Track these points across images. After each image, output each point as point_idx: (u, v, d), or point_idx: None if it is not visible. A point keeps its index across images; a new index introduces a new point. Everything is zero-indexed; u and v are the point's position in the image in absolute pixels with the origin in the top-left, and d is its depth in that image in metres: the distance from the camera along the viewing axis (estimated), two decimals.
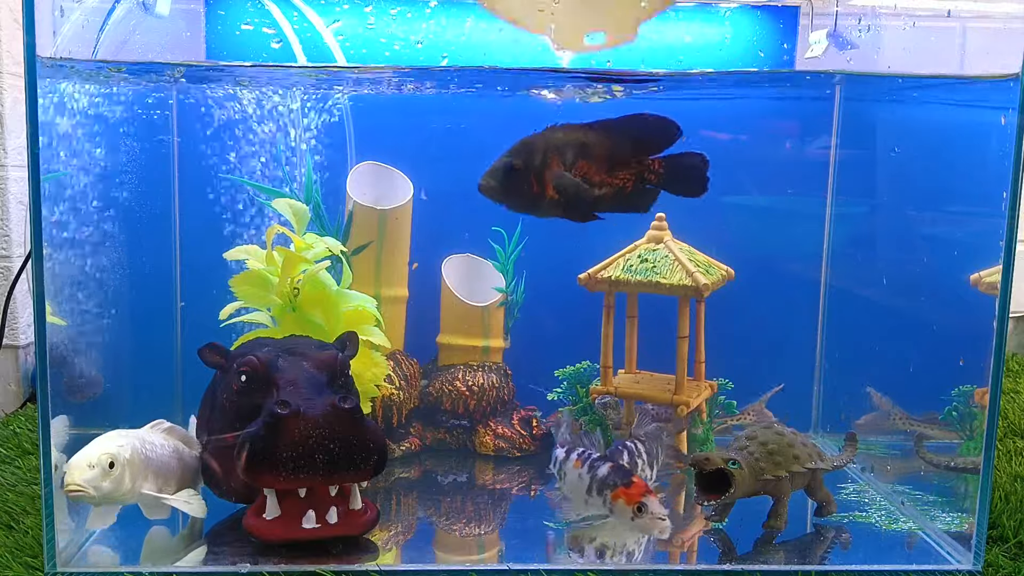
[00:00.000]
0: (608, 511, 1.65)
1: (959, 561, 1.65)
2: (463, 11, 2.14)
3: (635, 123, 1.71)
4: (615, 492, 1.63)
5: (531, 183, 1.62)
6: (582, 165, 1.65)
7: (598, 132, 1.68)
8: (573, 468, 1.73)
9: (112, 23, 1.87)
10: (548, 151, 1.62)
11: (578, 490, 1.71)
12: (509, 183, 1.63)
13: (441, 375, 2.25)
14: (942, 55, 1.95)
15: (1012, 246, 1.57)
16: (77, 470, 1.53)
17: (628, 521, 1.61)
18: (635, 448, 1.87)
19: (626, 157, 1.69)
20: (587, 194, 1.67)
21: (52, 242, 1.64)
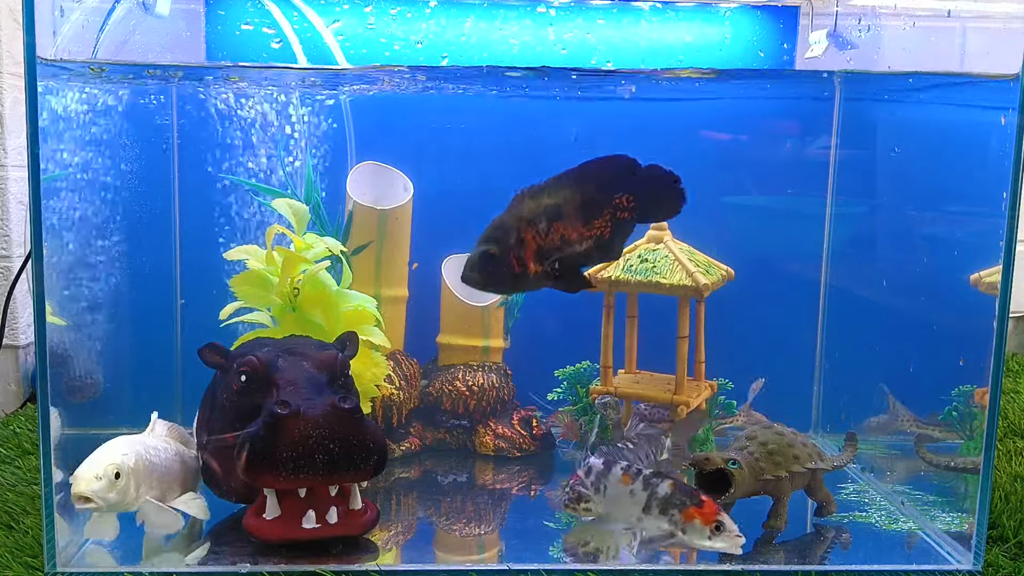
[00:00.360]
0: (678, 531, 1.58)
1: (959, 561, 1.65)
2: (463, 11, 2.14)
3: (592, 167, 1.67)
4: (687, 512, 1.57)
5: (512, 264, 1.58)
6: (557, 228, 1.61)
7: (563, 189, 1.63)
8: (620, 484, 1.64)
9: (112, 23, 1.87)
10: (520, 227, 1.58)
11: (627, 507, 1.63)
12: (491, 271, 1.59)
13: (441, 375, 2.25)
14: (942, 55, 1.95)
15: (1012, 246, 1.57)
16: (84, 481, 1.53)
17: (705, 540, 1.57)
18: (626, 448, 1.84)
19: (597, 204, 1.65)
20: (572, 261, 1.64)
21: (52, 242, 1.64)
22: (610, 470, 1.65)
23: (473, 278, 1.61)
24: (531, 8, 2.12)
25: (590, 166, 1.66)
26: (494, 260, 1.57)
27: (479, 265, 1.59)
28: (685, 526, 1.58)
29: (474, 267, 1.59)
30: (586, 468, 1.69)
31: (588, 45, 2.15)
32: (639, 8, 2.18)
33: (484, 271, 1.59)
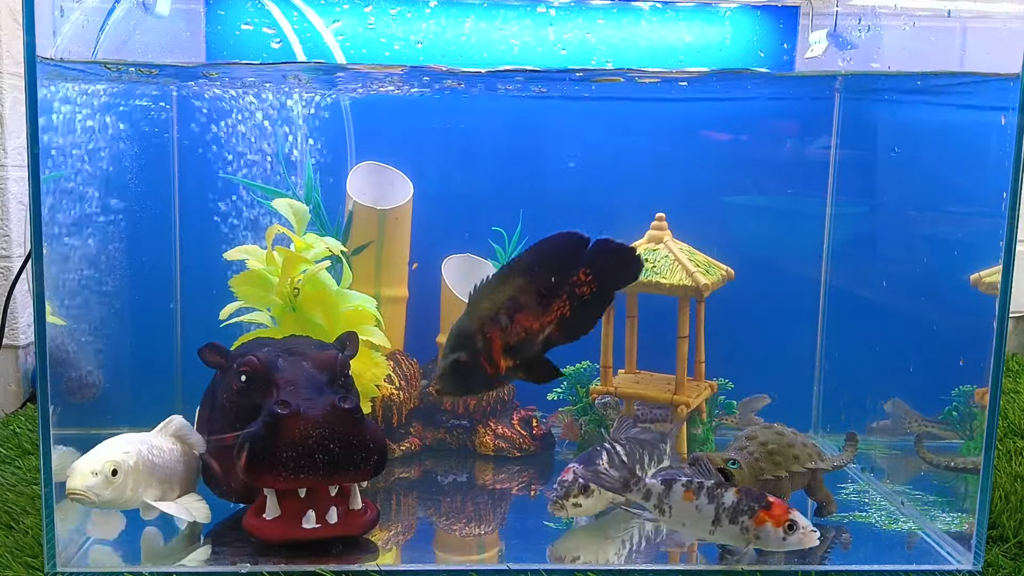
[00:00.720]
0: (753, 537, 1.58)
1: (959, 561, 1.65)
2: (463, 11, 2.14)
3: (540, 252, 1.65)
4: (758, 517, 1.57)
5: (484, 367, 1.56)
6: (519, 321, 1.60)
7: (516, 279, 1.62)
8: (684, 501, 1.61)
9: (112, 23, 1.87)
10: (484, 328, 1.57)
11: (698, 523, 1.61)
12: (465, 378, 1.56)
13: None
14: (942, 55, 1.95)
15: (1012, 246, 1.57)
16: (80, 476, 1.53)
17: (779, 541, 1.57)
18: (613, 450, 1.82)
19: (553, 288, 1.65)
20: (539, 350, 1.64)
21: (52, 242, 1.64)
22: (671, 489, 1.62)
23: (449, 388, 1.57)
24: (531, 8, 2.12)
25: (538, 251, 1.65)
26: (465, 367, 1.55)
27: (452, 375, 1.55)
28: (758, 531, 1.57)
29: (447, 378, 1.56)
30: (644, 491, 1.64)
31: (588, 45, 2.15)
32: (639, 8, 2.18)
33: (458, 380, 1.56)
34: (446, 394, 1.59)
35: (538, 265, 1.62)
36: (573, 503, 1.71)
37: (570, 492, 1.71)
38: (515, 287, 1.60)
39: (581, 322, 1.66)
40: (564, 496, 1.71)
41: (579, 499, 1.72)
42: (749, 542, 1.59)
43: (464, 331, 1.58)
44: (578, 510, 1.72)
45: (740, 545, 1.60)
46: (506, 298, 1.59)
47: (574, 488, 1.71)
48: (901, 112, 2.21)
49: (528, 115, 2.35)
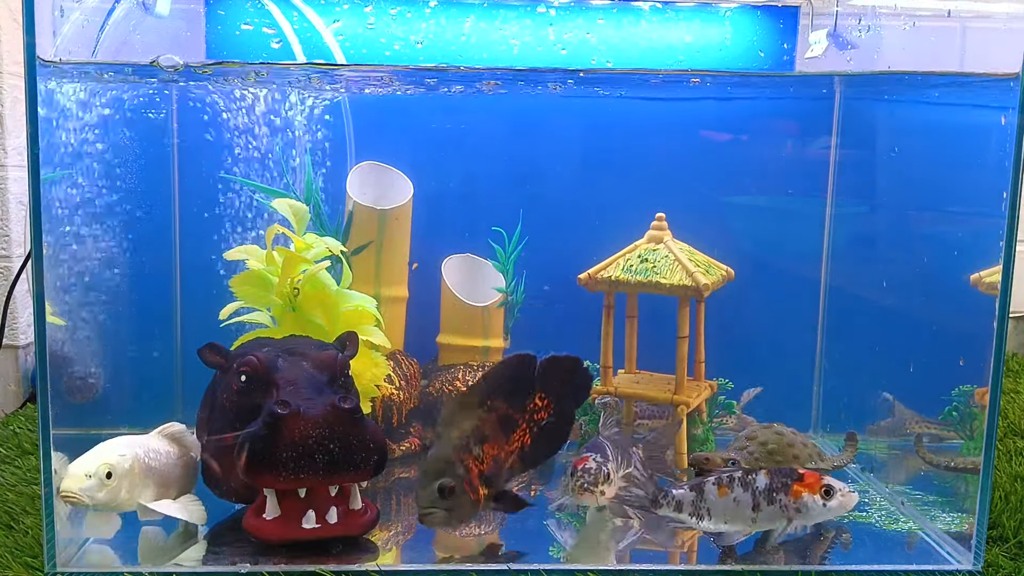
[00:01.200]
0: (794, 512, 1.59)
1: (959, 561, 1.65)
2: (463, 11, 2.14)
3: (495, 377, 1.73)
4: (793, 491, 1.58)
5: (468, 492, 1.59)
6: (487, 451, 1.65)
7: (477, 409, 1.68)
8: (721, 498, 1.61)
9: (112, 23, 1.87)
10: (461, 456, 1.61)
11: (740, 515, 1.61)
12: (453, 503, 1.57)
13: (441, 375, 2.24)
14: (942, 55, 1.95)
15: (1012, 246, 1.57)
16: (73, 478, 1.53)
17: (821, 509, 1.58)
18: (608, 445, 1.81)
19: (511, 417, 1.72)
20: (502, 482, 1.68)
21: (52, 242, 1.64)
22: (703, 491, 1.62)
23: (436, 515, 1.56)
24: (531, 8, 2.12)
25: (490, 380, 1.71)
26: (453, 492, 1.56)
27: (440, 500, 1.56)
28: (798, 505, 1.58)
29: (435, 503, 1.56)
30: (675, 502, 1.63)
31: (588, 45, 2.15)
32: (639, 8, 2.18)
33: (447, 504, 1.56)
34: (434, 521, 1.58)
35: (493, 394, 1.69)
36: (600, 491, 1.71)
37: (598, 480, 1.71)
38: (478, 418, 1.66)
39: (541, 450, 1.74)
40: (594, 484, 1.70)
41: (604, 487, 1.72)
42: (791, 519, 1.59)
43: (443, 458, 1.61)
44: (603, 497, 1.72)
45: (781, 523, 1.60)
46: (472, 428, 1.64)
47: (600, 476, 1.71)
48: (901, 112, 2.21)
49: (528, 115, 2.35)
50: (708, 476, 1.63)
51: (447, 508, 1.56)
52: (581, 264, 2.13)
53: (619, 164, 2.33)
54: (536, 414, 1.75)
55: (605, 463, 1.73)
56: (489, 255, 2.26)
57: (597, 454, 1.76)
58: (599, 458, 1.74)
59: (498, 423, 1.70)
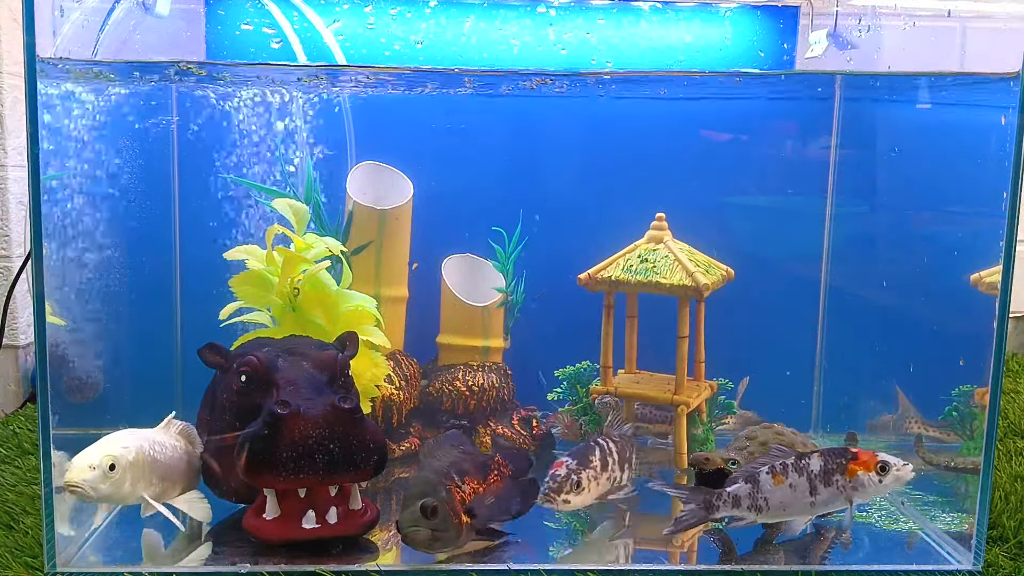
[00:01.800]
0: (851, 491, 1.59)
1: (959, 561, 1.65)
2: (463, 11, 2.14)
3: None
4: (848, 470, 1.58)
5: (451, 515, 1.59)
6: (467, 481, 1.67)
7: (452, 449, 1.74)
8: (776, 487, 1.60)
9: (112, 23, 1.87)
10: (444, 481, 1.62)
11: (798, 501, 1.61)
12: (438, 523, 1.56)
13: (441, 375, 2.24)
14: (942, 55, 1.95)
15: (1012, 246, 1.57)
16: (77, 470, 1.53)
17: (877, 486, 1.58)
18: (606, 446, 1.80)
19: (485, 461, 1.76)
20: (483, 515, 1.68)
21: (52, 242, 1.64)
22: (758, 482, 1.61)
23: (420, 532, 1.55)
24: (531, 8, 2.12)
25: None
26: (436, 512, 1.56)
27: (423, 519, 1.55)
28: (854, 483, 1.58)
29: (418, 522, 1.54)
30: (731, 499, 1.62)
31: (588, 45, 2.15)
32: (639, 8, 2.18)
33: (431, 524, 1.55)
34: (416, 544, 1.56)
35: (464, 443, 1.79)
36: (563, 499, 1.69)
37: (563, 487, 1.69)
38: (456, 455, 1.71)
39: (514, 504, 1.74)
40: (556, 491, 1.68)
41: (569, 496, 1.69)
42: (850, 499, 1.59)
43: (428, 480, 1.62)
44: (567, 506, 1.69)
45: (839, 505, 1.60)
46: (450, 461, 1.68)
47: (567, 484, 1.69)
48: (901, 112, 2.21)
49: (528, 115, 2.35)
50: (757, 466, 1.63)
51: (431, 528, 1.55)
52: (581, 264, 2.13)
53: (619, 164, 2.33)
54: (504, 467, 1.78)
55: (580, 470, 1.70)
56: (489, 255, 2.26)
57: (574, 460, 1.72)
58: (573, 464, 1.71)
59: (473, 464, 1.72)
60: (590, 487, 1.71)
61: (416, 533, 1.54)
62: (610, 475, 1.77)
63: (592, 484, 1.72)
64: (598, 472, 1.74)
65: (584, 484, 1.70)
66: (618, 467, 1.80)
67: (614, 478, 1.79)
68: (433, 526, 1.55)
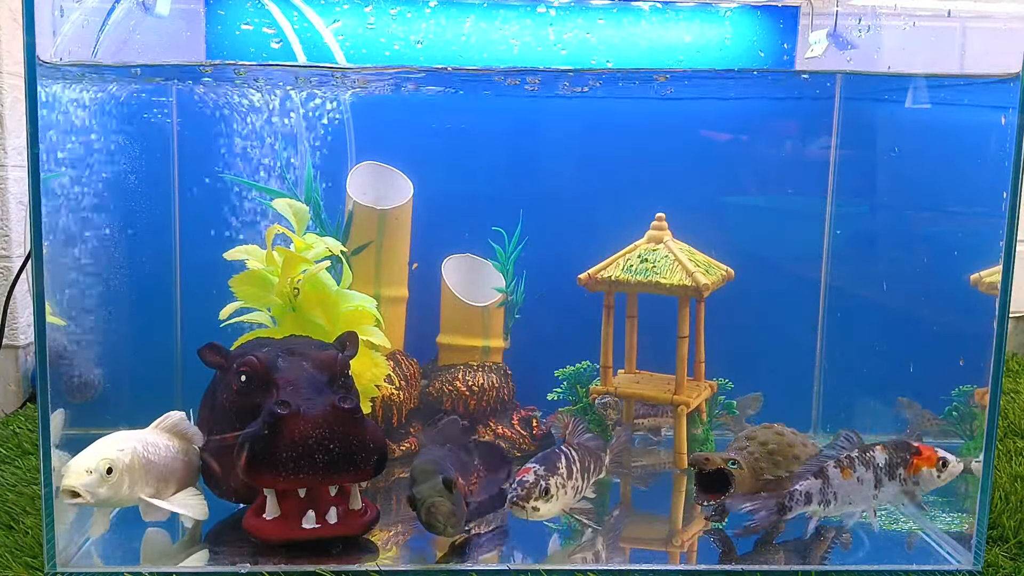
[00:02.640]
0: (912, 485, 1.64)
1: (959, 561, 1.65)
2: (463, 11, 2.14)
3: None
4: (911, 466, 1.64)
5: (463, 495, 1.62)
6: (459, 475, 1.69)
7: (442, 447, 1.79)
8: (846, 480, 1.62)
9: (112, 23, 1.87)
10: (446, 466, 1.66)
11: (864, 494, 1.65)
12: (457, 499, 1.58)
13: (441, 375, 2.25)
14: (942, 55, 1.95)
15: (1012, 246, 1.57)
16: (74, 475, 1.53)
17: (934, 480, 1.65)
18: (571, 455, 1.74)
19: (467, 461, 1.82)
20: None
21: (52, 242, 1.64)
22: (827, 477, 1.63)
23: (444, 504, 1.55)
24: (531, 8, 2.12)
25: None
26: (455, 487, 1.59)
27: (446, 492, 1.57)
28: (916, 478, 1.64)
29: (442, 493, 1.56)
30: (802, 498, 1.63)
31: (588, 45, 2.15)
32: (639, 8, 2.18)
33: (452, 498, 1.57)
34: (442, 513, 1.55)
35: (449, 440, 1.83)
36: (532, 506, 1.62)
37: (531, 494, 1.62)
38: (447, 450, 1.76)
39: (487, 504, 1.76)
40: (525, 498, 1.62)
41: (538, 503, 1.62)
42: (911, 493, 1.65)
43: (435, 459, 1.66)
44: (536, 513, 1.62)
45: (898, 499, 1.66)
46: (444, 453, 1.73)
47: (535, 491, 1.62)
48: (901, 112, 2.21)
49: (528, 115, 2.35)
50: (823, 460, 1.65)
51: (453, 506, 1.56)
52: (581, 264, 2.13)
53: (619, 164, 2.33)
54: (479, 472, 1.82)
55: (548, 476, 1.64)
56: (489, 255, 2.26)
57: (541, 466, 1.67)
58: (541, 470, 1.65)
59: (459, 461, 1.75)
60: (558, 495, 1.65)
61: (442, 504, 1.55)
62: (575, 484, 1.71)
63: (560, 492, 1.66)
64: (565, 480, 1.68)
65: (553, 491, 1.64)
66: (580, 477, 1.74)
67: (578, 487, 1.73)
68: (453, 500, 1.56)
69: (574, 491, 1.72)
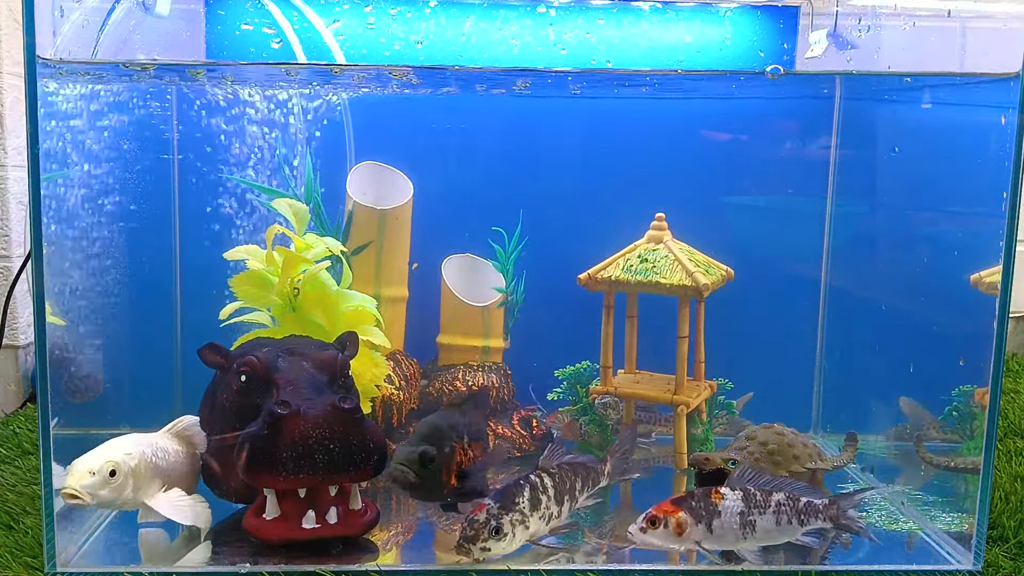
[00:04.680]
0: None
1: (959, 561, 1.65)
2: (463, 11, 2.14)
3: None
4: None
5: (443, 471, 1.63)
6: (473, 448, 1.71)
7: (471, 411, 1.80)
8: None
9: (112, 23, 1.87)
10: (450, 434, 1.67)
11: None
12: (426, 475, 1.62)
13: (441, 375, 2.24)
14: (942, 55, 1.95)
15: (1012, 246, 1.57)
16: (77, 475, 1.53)
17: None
18: (540, 483, 1.63)
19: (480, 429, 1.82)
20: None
21: (52, 242, 1.64)
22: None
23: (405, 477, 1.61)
24: (531, 8, 2.12)
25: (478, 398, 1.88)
26: (433, 462, 1.61)
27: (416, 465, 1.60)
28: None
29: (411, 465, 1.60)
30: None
31: (588, 45, 2.15)
32: (639, 8, 2.18)
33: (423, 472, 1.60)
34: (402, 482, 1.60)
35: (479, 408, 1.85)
36: (481, 546, 1.51)
37: (479, 535, 1.51)
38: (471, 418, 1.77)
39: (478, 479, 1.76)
40: (472, 539, 1.50)
41: (488, 543, 1.51)
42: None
43: (439, 427, 1.67)
44: (487, 553, 1.52)
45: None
46: (465, 423, 1.73)
47: (484, 531, 1.51)
48: (901, 112, 2.21)
49: (528, 115, 2.35)
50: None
51: (418, 476, 1.59)
52: (581, 264, 2.13)
53: (619, 164, 2.33)
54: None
55: (501, 514, 1.53)
56: (489, 255, 2.26)
57: (496, 503, 1.55)
58: (495, 507, 1.54)
59: (480, 431, 1.75)
60: (514, 532, 1.54)
61: (403, 475, 1.58)
62: (543, 513, 1.61)
63: (518, 528, 1.55)
64: (526, 514, 1.57)
65: (506, 529, 1.53)
66: (555, 503, 1.64)
67: (549, 515, 1.63)
68: (422, 475, 1.57)
69: (544, 519, 1.62)
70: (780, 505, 1.58)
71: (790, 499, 1.59)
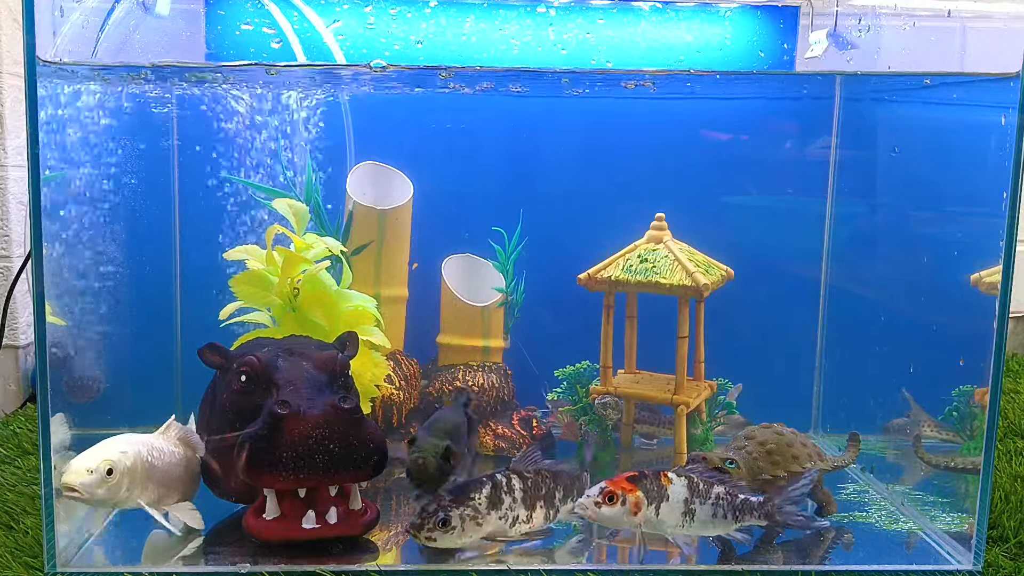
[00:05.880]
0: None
1: (959, 561, 1.65)
2: (463, 11, 2.14)
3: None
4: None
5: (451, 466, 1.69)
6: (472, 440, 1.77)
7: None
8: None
9: (112, 23, 1.87)
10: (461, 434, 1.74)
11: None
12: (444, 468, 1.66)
13: (441, 375, 2.25)
14: (942, 55, 1.95)
15: (1012, 246, 1.57)
16: (74, 473, 1.53)
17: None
18: (507, 482, 1.61)
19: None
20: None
21: (52, 242, 1.64)
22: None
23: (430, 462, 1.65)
24: (531, 8, 2.12)
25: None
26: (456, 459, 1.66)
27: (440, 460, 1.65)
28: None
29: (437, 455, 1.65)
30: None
31: (588, 45, 2.15)
32: (639, 8, 2.18)
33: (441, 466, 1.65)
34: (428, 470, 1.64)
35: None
36: (426, 535, 1.53)
37: (425, 523, 1.54)
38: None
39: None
40: (419, 527, 1.54)
41: (434, 533, 1.54)
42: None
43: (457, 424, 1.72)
44: (433, 543, 1.54)
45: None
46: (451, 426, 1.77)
47: (431, 520, 1.54)
48: (901, 112, 2.21)
49: (528, 115, 2.35)
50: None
51: (439, 469, 1.61)
52: (581, 264, 2.13)
53: (619, 164, 2.33)
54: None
55: (451, 507, 1.54)
56: (489, 255, 2.26)
57: (450, 495, 1.57)
58: (447, 499, 1.56)
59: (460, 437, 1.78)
60: (464, 526, 1.54)
61: (430, 464, 1.62)
62: (504, 514, 1.59)
63: (468, 523, 1.55)
64: (480, 511, 1.56)
65: (454, 523, 1.54)
66: (522, 505, 1.62)
67: (514, 517, 1.61)
68: (442, 469, 1.61)
69: (507, 520, 1.60)
70: (719, 498, 1.61)
71: (729, 494, 1.62)
